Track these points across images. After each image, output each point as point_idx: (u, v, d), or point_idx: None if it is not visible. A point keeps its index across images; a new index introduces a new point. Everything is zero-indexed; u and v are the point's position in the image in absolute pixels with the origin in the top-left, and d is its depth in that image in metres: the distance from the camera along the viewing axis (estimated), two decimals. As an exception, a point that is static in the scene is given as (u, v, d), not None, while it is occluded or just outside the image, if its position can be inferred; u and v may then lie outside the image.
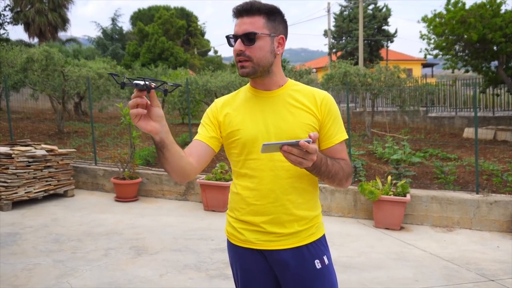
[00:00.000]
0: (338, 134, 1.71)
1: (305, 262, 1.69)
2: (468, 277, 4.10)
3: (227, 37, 1.66)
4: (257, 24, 1.60)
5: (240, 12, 1.62)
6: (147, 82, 1.34)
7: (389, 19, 28.59)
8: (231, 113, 1.72)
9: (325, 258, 1.74)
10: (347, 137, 1.74)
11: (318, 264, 1.70)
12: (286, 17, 1.71)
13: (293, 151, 1.37)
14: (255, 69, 1.63)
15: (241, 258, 1.76)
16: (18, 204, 6.31)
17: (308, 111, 1.67)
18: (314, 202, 1.75)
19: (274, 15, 1.64)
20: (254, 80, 1.71)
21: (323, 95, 1.72)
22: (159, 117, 1.41)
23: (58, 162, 6.78)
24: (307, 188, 1.71)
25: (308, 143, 1.35)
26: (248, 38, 1.60)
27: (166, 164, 1.53)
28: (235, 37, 1.62)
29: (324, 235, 1.79)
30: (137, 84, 1.33)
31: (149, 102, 1.40)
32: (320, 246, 1.74)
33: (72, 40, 34.19)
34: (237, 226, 1.74)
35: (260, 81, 1.69)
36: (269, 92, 1.71)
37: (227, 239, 1.82)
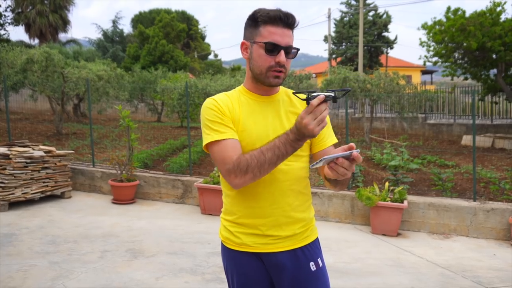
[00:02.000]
0: (330, 137, 1.77)
1: (301, 264, 1.71)
2: (464, 285, 4.10)
3: (268, 44, 1.59)
4: (292, 37, 1.65)
5: (283, 22, 1.61)
6: (330, 94, 1.43)
7: (389, 26, 28.71)
8: (237, 113, 1.69)
9: (319, 260, 1.76)
10: (337, 141, 1.81)
11: (313, 266, 1.73)
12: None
13: (345, 163, 1.42)
14: (283, 80, 1.68)
15: (238, 262, 1.74)
16: (14, 205, 6.29)
17: None
18: (309, 204, 1.79)
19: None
20: (256, 86, 1.70)
21: None
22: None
23: (55, 164, 6.77)
24: (302, 191, 1.74)
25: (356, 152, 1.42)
26: (291, 51, 1.63)
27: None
28: (278, 47, 1.60)
29: (317, 238, 1.82)
30: (326, 96, 1.41)
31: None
32: (314, 249, 1.77)
33: (73, 41, 34.21)
34: (233, 229, 1.73)
35: (264, 87, 1.70)
36: (268, 97, 1.72)
37: (222, 243, 1.80)
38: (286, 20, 1.60)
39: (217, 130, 1.62)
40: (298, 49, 1.65)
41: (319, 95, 1.41)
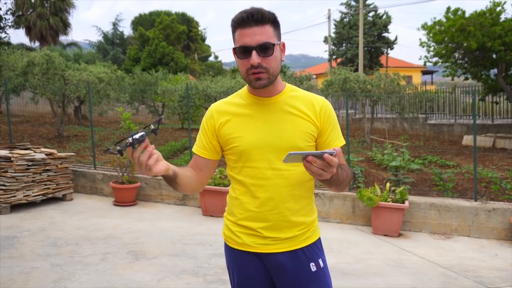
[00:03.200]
0: (337, 140, 1.71)
1: (301, 265, 1.71)
2: (466, 285, 4.09)
3: (238, 49, 1.57)
4: (268, 33, 1.56)
5: (249, 21, 1.54)
6: (135, 137, 1.34)
7: (389, 26, 28.69)
8: (229, 120, 1.70)
9: (320, 261, 1.75)
10: (345, 142, 1.75)
11: (313, 267, 1.72)
12: (287, 23, 1.71)
13: (317, 162, 1.37)
14: (270, 80, 1.61)
15: (238, 261, 1.76)
16: (16, 207, 6.30)
17: (307, 119, 1.67)
18: (311, 207, 1.77)
19: (277, 22, 1.60)
20: (257, 88, 1.68)
21: (322, 102, 1.71)
22: (159, 156, 1.43)
23: (57, 166, 6.78)
24: (304, 195, 1.72)
25: (332, 155, 1.36)
26: (265, 49, 1.55)
27: (178, 187, 1.64)
28: (248, 48, 1.55)
29: (319, 239, 1.80)
30: (131, 143, 1.33)
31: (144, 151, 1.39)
32: (315, 250, 1.76)
33: (73, 44, 34.28)
34: (235, 229, 1.75)
35: (264, 88, 1.65)
36: (268, 99, 1.68)
37: (224, 242, 1.83)
38: (251, 18, 1.53)
39: (197, 144, 1.79)
40: (273, 44, 1.56)
41: (127, 143, 1.32)
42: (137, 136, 1.34)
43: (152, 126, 1.40)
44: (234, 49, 1.59)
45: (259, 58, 1.55)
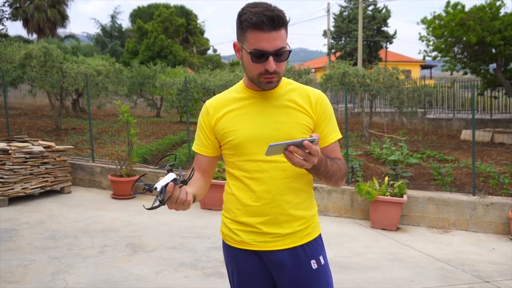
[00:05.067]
0: (333, 133, 1.70)
1: (301, 262, 1.68)
2: (464, 278, 4.11)
3: (254, 52, 1.51)
4: (283, 37, 1.52)
5: (268, 26, 1.48)
6: (175, 177, 1.36)
7: (388, 20, 28.63)
8: (224, 115, 1.68)
9: (321, 258, 1.72)
10: (341, 136, 1.74)
11: (314, 264, 1.69)
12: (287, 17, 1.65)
13: (298, 152, 1.35)
14: (278, 82, 1.63)
15: (237, 259, 1.73)
16: (14, 200, 6.29)
17: (303, 111, 1.65)
18: (311, 201, 1.74)
19: (287, 23, 1.57)
20: (253, 84, 1.64)
21: (318, 95, 1.70)
22: (189, 194, 1.43)
23: (55, 159, 6.76)
24: (303, 188, 1.69)
25: (312, 142, 1.33)
26: (281, 54, 1.53)
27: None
28: (265, 53, 1.50)
29: (320, 235, 1.78)
30: (174, 181, 1.35)
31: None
32: (316, 246, 1.72)
33: (71, 36, 34.09)
34: (233, 227, 1.71)
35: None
36: (265, 92, 1.66)
37: (222, 240, 1.80)
38: (272, 24, 1.48)
39: (196, 142, 1.77)
40: (290, 50, 1.54)
41: (172, 179, 1.34)
42: (175, 178, 1.36)
43: (181, 177, 1.38)
44: (248, 51, 1.53)
45: (275, 64, 1.53)
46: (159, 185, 1.34)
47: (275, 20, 1.48)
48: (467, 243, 5.17)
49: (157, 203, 1.35)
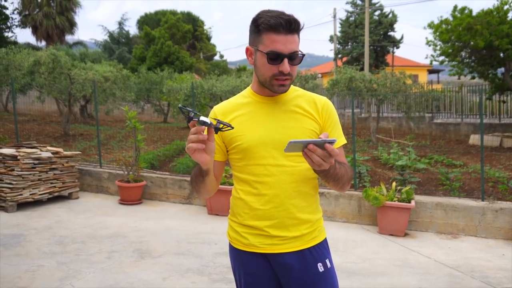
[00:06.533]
0: (338, 139, 1.72)
1: (308, 265, 1.69)
2: (473, 285, 4.06)
3: (269, 54, 1.56)
4: (297, 42, 1.59)
5: (284, 29, 1.54)
6: (211, 122, 1.43)
7: (395, 25, 28.62)
8: (232, 120, 1.70)
9: (327, 261, 1.74)
10: (346, 141, 1.77)
11: (320, 267, 1.71)
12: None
13: (317, 151, 1.38)
14: (290, 86, 1.67)
15: (245, 262, 1.74)
16: (23, 205, 6.33)
17: (310, 116, 1.69)
18: (316, 205, 1.77)
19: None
20: (263, 89, 1.68)
21: (324, 101, 1.75)
22: (212, 151, 1.51)
23: (63, 164, 6.80)
24: (309, 192, 1.72)
25: (332, 143, 1.37)
26: (295, 58, 1.59)
27: (203, 187, 1.65)
28: (281, 55, 1.56)
29: (325, 239, 1.80)
30: (204, 122, 1.40)
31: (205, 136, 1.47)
32: (322, 250, 1.75)
33: (79, 43, 34.42)
34: (240, 230, 1.73)
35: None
36: (272, 98, 1.70)
37: (229, 243, 1.81)
38: (288, 27, 1.54)
39: None
40: (303, 54, 1.60)
41: (200, 117, 1.41)
42: (206, 119, 1.41)
43: (219, 125, 1.48)
44: (264, 52, 1.57)
45: (290, 67, 1.58)
46: (204, 118, 1.42)
47: (292, 24, 1.55)
48: (476, 249, 5.12)
49: (187, 112, 1.42)
